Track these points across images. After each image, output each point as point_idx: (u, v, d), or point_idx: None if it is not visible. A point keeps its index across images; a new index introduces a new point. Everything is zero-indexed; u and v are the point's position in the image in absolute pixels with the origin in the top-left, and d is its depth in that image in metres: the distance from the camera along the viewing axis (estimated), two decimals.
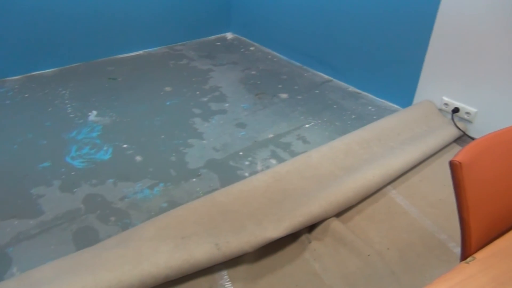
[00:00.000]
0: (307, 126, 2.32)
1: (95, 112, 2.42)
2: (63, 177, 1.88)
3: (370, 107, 2.53)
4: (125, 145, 2.12)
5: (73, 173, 1.91)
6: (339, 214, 1.65)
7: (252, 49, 3.47)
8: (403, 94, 2.44)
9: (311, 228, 1.59)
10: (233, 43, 3.61)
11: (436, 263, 1.46)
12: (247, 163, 2.00)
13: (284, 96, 2.67)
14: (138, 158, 2.02)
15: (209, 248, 1.36)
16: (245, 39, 3.69)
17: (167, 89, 2.73)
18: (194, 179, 1.88)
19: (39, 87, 2.70)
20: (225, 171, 1.94)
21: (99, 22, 3.03)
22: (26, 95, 2.60)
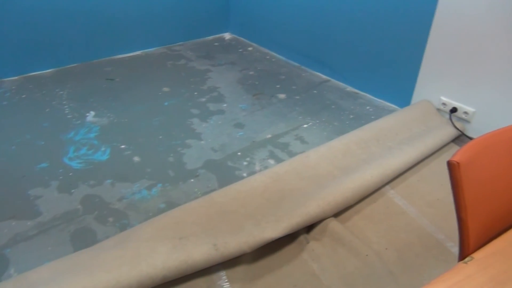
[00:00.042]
0: (305, 126, 2.32)
1: (93, 112, 2.42)
2: (60, 178, 1.88)
3: (368, 107, 2.53)
4: (123, 146, 2.11)
5: (70, 174, 1.90)
6: (337, 214, 1.65)
7: (250, 49, 3.47)
8: (401, 94, 2.44)
9: (309, 228, 1.59)
10: (231, 43, 3.61)
11: (434, 263, 1.46)
12: (245, 163, 2.00)
13: (282, 96, 2.66)
14: (136, 158, 2.02)
15: (207, 248, 1.36)
16: (243, 39, 3.69)
17: (165, 89, 2.73)
18: (192, 180, 1.88)
19: (36, 88, 2.70)
20: (223, 172, 1.94)
21: (97, 22, 3.03)
22: (23, 96, 2.59)
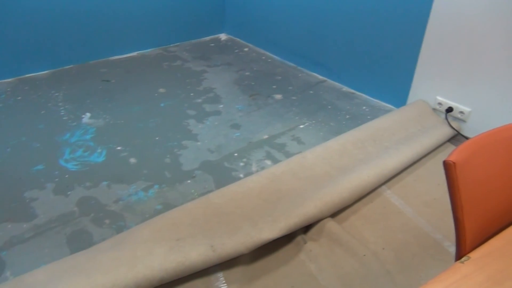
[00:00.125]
0: (301, 126, 2.32)
1: (88, 114, 2.41)
2: (56, 180, 1.87)
3: (364, 107, 2.53)
4: (119, 147, 2.11)
5: (66, 176, 1.89)
6: (334, 214, 1.65)
7: (246, 50, 3.47)
8: (397, 94, 2.45)
9: (306, 228, 1.59)
10: (227, 44, 3.61)
11: (431, 262, 1.46)
12: (242, 164, 1.99)
13: (278, 97, 2.66)
14: (132, 160, 2.01)
15: (204, 250, 1.36)
16: (239, 40, 3.69)
17: (161, 90, 2.72)
18: (188, 181, 1.87)
19: (32, 90, 2.68)
20: (220, 173, 1.93)
21: (92, 24, 3.01)
22: (18, 98, 2.58)
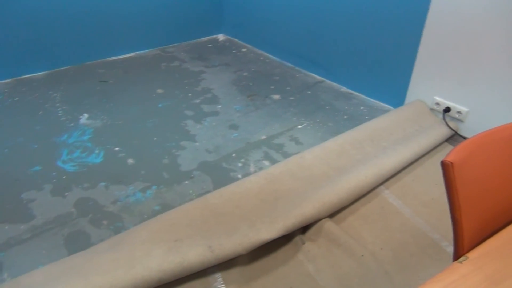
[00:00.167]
0: (299, 127, 2.32)
1: (86, 115, 2.41)
2: (54, 181, 1.86)
3: (362, 108, 2.53)
4: (117, 148, 2.10)
5: (64, 177, 1.89)
6: (332, 214, 1.65)
7: (244, 50, 3.47)
8: (395, 94, 2.45)
9: (304, 229, 1.58)
10: (225, 45, 3.61)
11: (429, 262, 1.47)
12: (240, 164, 1.99)
13: (276, 97, 2.67)
14: (130, 161, 2.01)
15: (203, 250, 1.36)
16: (237, 40, 3.69)
17: (159, 91, 2.72)
18: (186, 182, 1.87)
19: (29, 91, 2.68)
20: (218, 173, 1.93)
21: (90, 24, 3.01)
22: (16, 99, 2.57)
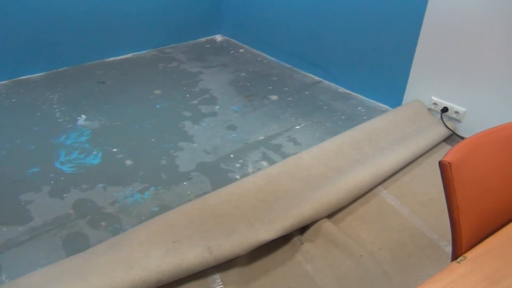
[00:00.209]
0: (297, 127, 2.32)
1: (84, 116, 2.40)
2: (52, 182, 1.86)
3: (360, 108, 2.54)
4: (115, 149, 2.10)
5: (62, 178, 1.89)
6: (330, 215, 1.65)
7: (241, 51, 3.47)
8: (393, 94, 2.46)
9: (303, 229, 1.59)
10: (223, 45, 3.61)
11: (427, 262, 1.47)
12: (238, 165, 1.99)
13: (274, 97, 2.67)
14: (128, 162, 2.01)
15: (201, 251, 1.36)
16: (235, 41, 3.69)
17: (157, 92, 2.71)
18: (185, 183, 1.87)
19: (26, 92, 2.67)
20: (216, 174, 1.93)
21: (88, 25, 3.00)
22: (13, 100, 2.57)
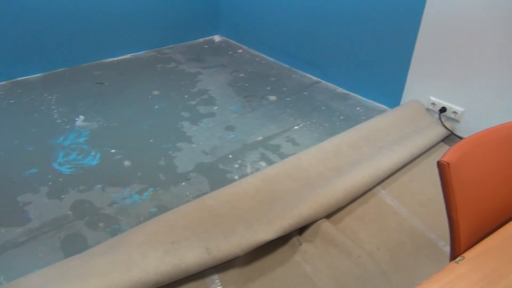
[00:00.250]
0: (296, 128, 2.32)
1: (82, 117, 2.40)
2: (50, 183, 1.86)
3: (358, 108, 2.54)
4: (113, 150, 2.10)
5: (60, 179, 1.88)
6: (329, 215, 1.65)
7: (240, 51, 3.47)
8: (391, 94, 2.46)
9: (301, 230, 1.58)
10: (221, 46, 3.61)
11: (426, 262, 1.47)
12: (236, 166, 1.99)
13: (272, 98, 2.67)
14: (126, 163, 2.00)
15: (200, 252, 1.35)
16: (233, 41, 3.69)
17: (155, 92, 2.71)
18: (183, 183, 1.87)
19: (24, 93, 2.66)
20: (215, 175, 1.93)
21: (85, 26, 3.00)
22: (11, 101, 2.56)
